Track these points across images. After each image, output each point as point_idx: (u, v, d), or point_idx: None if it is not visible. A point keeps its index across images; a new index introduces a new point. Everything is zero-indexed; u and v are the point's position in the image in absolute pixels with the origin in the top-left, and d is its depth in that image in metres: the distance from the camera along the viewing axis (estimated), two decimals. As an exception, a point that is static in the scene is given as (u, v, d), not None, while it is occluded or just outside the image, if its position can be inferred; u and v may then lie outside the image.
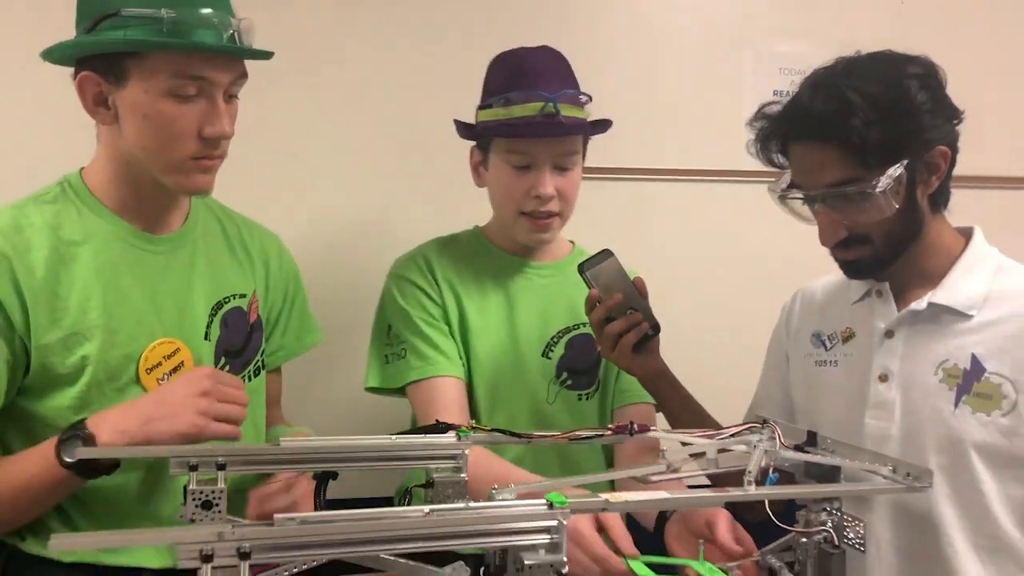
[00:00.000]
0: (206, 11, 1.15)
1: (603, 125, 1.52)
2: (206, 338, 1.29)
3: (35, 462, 1.12)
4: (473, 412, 1.49)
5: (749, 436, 1.05)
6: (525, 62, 1.49)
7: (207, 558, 0.69)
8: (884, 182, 1.16)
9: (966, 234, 1.31)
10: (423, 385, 1.46)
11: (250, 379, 1.36)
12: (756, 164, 2.03)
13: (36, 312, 1.15)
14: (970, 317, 1.23)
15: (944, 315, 1.24)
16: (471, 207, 1.61)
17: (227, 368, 1.32)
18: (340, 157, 1.90)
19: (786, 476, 1.04)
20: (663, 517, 1.26)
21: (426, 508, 0.79)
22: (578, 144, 1.50)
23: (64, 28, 1.20)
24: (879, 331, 1.29)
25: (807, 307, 1.44)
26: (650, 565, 1.05)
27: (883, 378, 1.26)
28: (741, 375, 1.57)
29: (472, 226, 1.62)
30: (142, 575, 1.22)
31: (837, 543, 0.95)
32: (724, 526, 1.13)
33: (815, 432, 1.05)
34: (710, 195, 2.06)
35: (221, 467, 0.94)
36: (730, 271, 2.06)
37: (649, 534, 1.27)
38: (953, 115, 1.23)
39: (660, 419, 1.52)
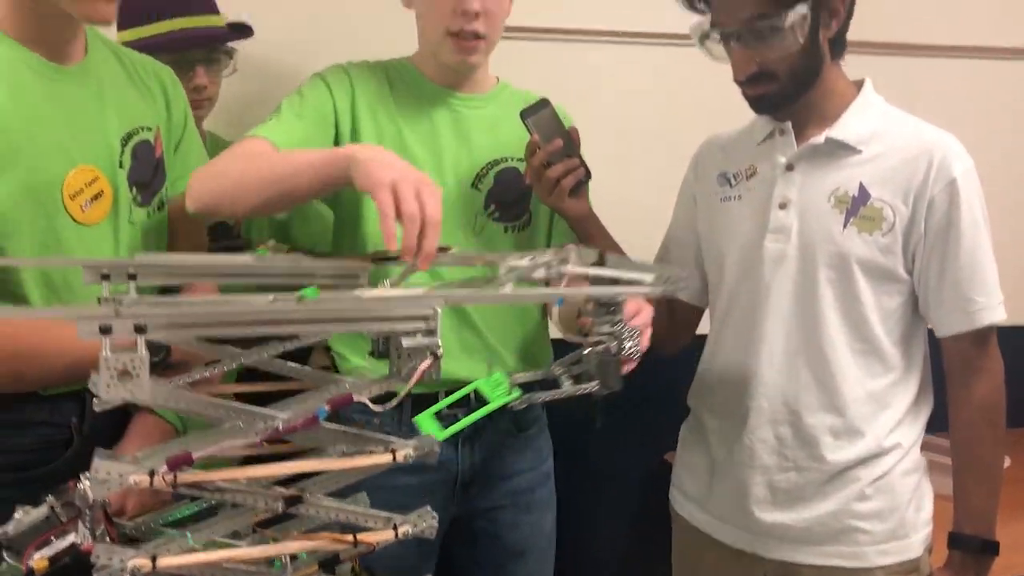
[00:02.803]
0: None
1: None
2: (120, 167, 1.31)
3: None
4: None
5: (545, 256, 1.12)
6: None
7: (105, 330, 0.76)
8: (791, 18, 1.28)
9: (858, 84, 1.43)
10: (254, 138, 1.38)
11: (155, 213, 1.39)
12: (672, 27, 2.11)
13: None
14: (859, 152, 1.38)
15: (838, 150, 1.39)
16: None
17: (138, 199, 1.35)
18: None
19: None
20: None
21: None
22: None
23: None
24: (780, 165, 1.42)
25: (713, 152, 1.56)
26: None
27: (783, 206, 1.40)
28: (656, 221, 1.66)
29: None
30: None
31: (615, 352, 1.05)
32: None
33: (604, 253, 1.13)
34: (628, 56, 2.11)
35: (132, 277, 0.98)
36: (647, 128, 2.12)
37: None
38: None
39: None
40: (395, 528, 0.94)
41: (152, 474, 0.82)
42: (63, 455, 1.28)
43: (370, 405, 0.87)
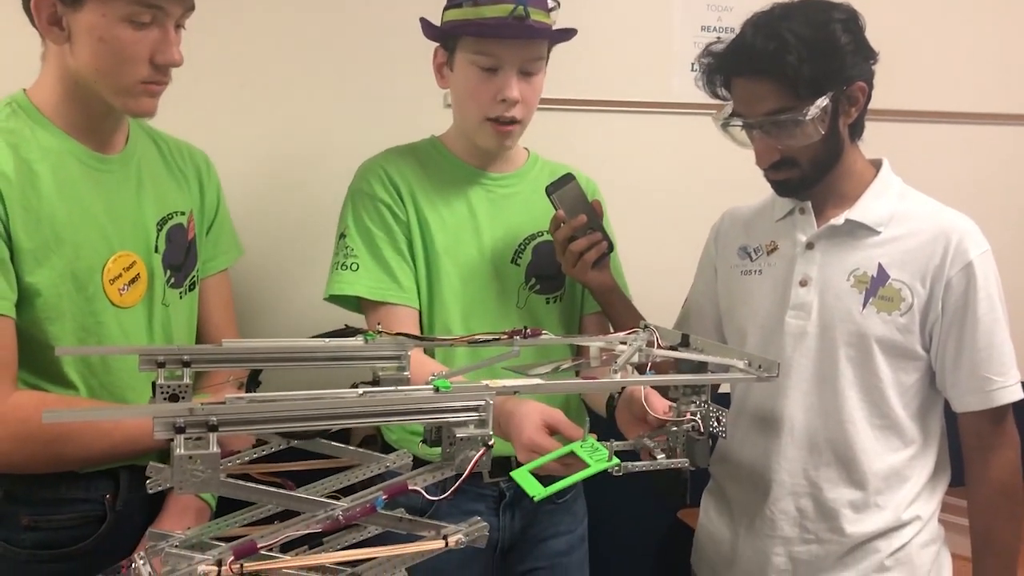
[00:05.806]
0: None
1: (569, 33, 1.52)
2: (155, 251, 1.36)
3: None
4: (449, 322, 1.52)
5: (631, 337, 1.15)
6: None
7: (180, 430, 0.80)
8: (812, 111, 1.32)
9: (876, 164, 1.47)
10: (382, 310, 1.50)
11: (187, 292, 1.44)
12: (682, 96, 2.16)
13: (15, 219, 1.20)
14: (878, 233, 1.41)
15: (857, 230, 1.43)
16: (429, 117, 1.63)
17: (171, 281, 1.39)
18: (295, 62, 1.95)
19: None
20: (611, 407, 1.32)
21: (360, 390, 0.90)
22: (544, 50, 1.52)
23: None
24: (801, 243, 1.46)
25: (733, 225, 1.60)
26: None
27: (803, 283, 1.44)
28: (677, 288, 1.71)
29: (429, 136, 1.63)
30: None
31: (703, 431, 1.07)
32: (656, 399, 1.17)
33: (688, 334, 1.16)
34: (639, 125, 2.15)
35: (186, 364, 1.02)
36: (661, 195, 2.17)
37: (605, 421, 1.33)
38: (870, 55, 1.39)
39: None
40: (445, 539, 0.93)
41: (220, 564, 0.85)
42: (97, 531, 1.31)
43: (425, 495, 0.90)
